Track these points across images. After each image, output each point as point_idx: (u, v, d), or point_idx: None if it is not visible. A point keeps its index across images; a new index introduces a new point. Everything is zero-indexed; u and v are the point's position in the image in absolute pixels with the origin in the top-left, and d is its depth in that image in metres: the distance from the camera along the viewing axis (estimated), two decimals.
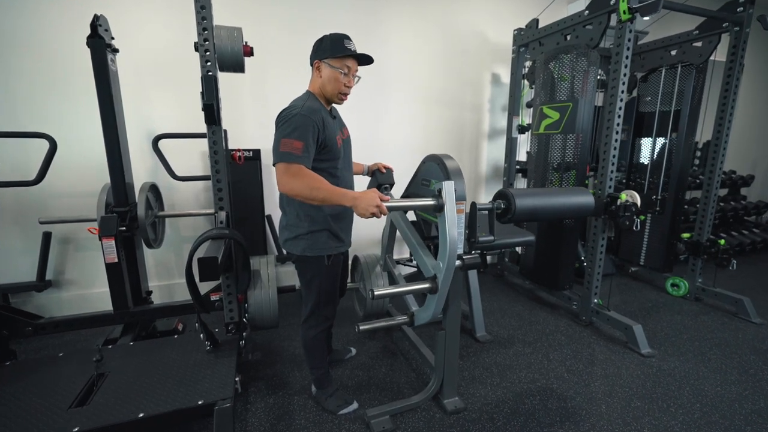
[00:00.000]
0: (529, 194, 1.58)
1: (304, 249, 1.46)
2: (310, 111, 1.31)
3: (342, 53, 1.35)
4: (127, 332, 2.07)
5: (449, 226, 1.31)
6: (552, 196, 1.64)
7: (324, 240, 1.46)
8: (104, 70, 1.86)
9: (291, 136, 1.25)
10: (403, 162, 3.25)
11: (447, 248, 1.32)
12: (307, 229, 1.44)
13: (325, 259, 1.48)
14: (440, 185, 1.34)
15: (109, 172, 1.97)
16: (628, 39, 2.09)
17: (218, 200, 1.87)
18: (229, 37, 1.71)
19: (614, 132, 2.20)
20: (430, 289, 1.44)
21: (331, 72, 1.37)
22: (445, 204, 1.30)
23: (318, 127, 1.32)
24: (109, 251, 1.87)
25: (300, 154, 1.25)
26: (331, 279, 1.53)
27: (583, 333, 2.35)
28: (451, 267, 1.37)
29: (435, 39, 3.15)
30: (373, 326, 1.68)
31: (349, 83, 1.42)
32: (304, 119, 1.28)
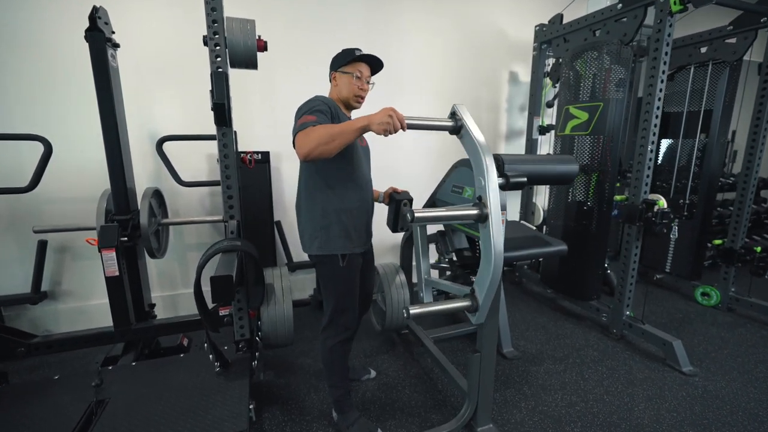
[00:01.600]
0: (517, 161, 1.46)
1: (318, 247, 1.42)
2: (326, 99, 1.37)
3: (351, 57, 1.43)
4: (129, 350, 1.92)
5: (495, 238, 1.15)
6: (539, 162, 1.60)
7: (336, 236, 1.41)
8: (104, 66, 1.71)
9: (307, 113, 1.27)
10: (417, 164, 3.12)
11: (492, 262, 1.16)
12: (319, 223, 1.41)
13: (339, 259, 1.42)
14: (483, 194, 1.18)
15: (110, 177, 1.82)
16: (668, 34, 1.95)
17: (228, 208, 1.71)
18: (242, 30, 1.56)
19: (651, 133, 2.06)
20: (469, 307, 1.29)
21: (345, 78, 1.45)
22: (490, 213, 1.15)
23: (333, 112, 1.34)
24: (109, 264, 1.71)
25: (314, 120, 1.23)
26: (347, 282, 1.46)
27: (616, 348, 2.21)
28: (496, 281, 1.21)
29: (450, 35, 3.00)
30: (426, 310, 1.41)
31: (362, 86, 1.47)
32: (320, 102, 1.33)
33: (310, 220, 1.43)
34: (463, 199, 1.50)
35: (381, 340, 2.29)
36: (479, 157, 1.16)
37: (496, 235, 1.16)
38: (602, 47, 2.28)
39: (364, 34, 2.73)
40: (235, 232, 1.70)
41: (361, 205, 1.47)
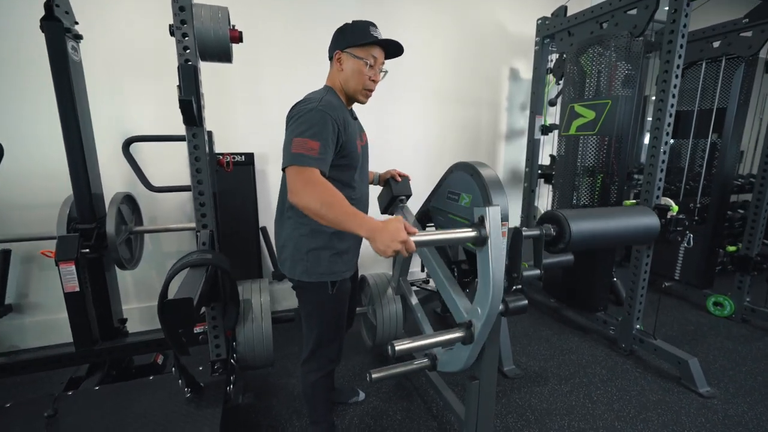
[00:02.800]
0: (584, 216, 1.27)
1: (302, 273, 1.20)
2: (329, 106, 1.08)
3: (367, 40, 1.14)
4: (95, 372, 1.75)
5: (494, 264, 1.01)
6: (611, 218, 1.33)
7: (326, 262, 1.20)
8: (63, 60, 1.55)
9: (305, 134, 1.02)
10: (416, 165, 2.94)
11: (490, 292, 1.02)
12: (306, 246, 1.19)
13: (328, 287, 1.21)
14: (483, 212, 1.03)
15: (72, 182, 1.66)
16: (684, 24, 1.79)
17: (201, 216, 1.55)
18: (212, 19, 1.39)
19: (663, 133, 1.90)
20: (464, 338, 1.14)
21: (355, 63, 1.16)
22: (490, 236, 1.00)
23: (338, 126, 1.10)
24: (68, 278, 1.55)
25: (316, 156, 1.01)
26: (336, 312, 1.27)
27: (625, 365, 2.04)
28: (493, 314, 1.07)
29: (448, 31, 2.84)
30: (388, 373, 1.35)
31: (375, 77, 1.21)
32: (321, 115, 1.05)
33: (294, 239, 1.21)
34: (459, 207, 1.34)
35: (372, 356, 2.13)
36: (488, 278, 1.03)
37: (496, 260, 1.01)
38: (610, 41, 2.12)
39: None
40: (207, 242, 1.53)
41: None
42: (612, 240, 1.36)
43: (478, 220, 1.04)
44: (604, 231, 1.28)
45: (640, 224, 1.36)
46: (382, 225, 0.92)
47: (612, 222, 1.31)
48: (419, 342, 1.08)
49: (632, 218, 1.37)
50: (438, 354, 1.39)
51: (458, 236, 1.04)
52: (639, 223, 1.36)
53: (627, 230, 1.33)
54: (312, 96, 1.14)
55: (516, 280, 1.23)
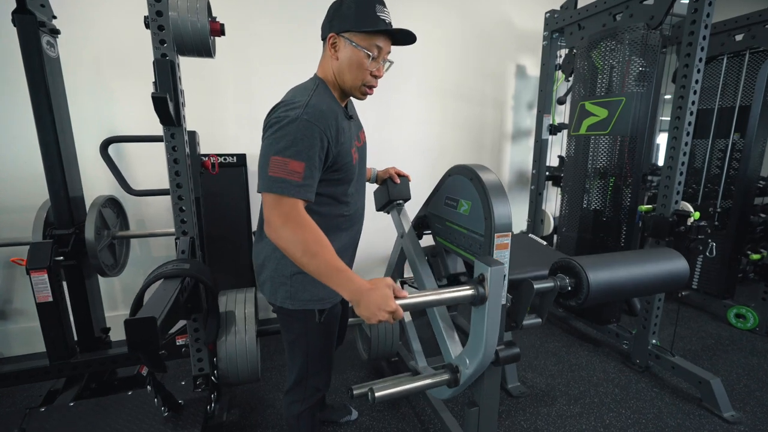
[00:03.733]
0: (603, 264, 1.12)
1: (285, 299, 1.02)
2: (316, 114, 0.87)
3: (373, 27, 0.90)
4: (72, 385, 1.66)
5: (489, 325, 0.94)
6: (633, 264, 1.18)
7: (313, 287, 1.01)
8: (36, 56, 1.46)
9: (286, 152, 0.83)
10: (415, 165, 2.81)
11: (481, 351, 0.97)
12: (288, 268, 1.00)
13: (315, 315, 1.04)
14: (484, 270, 0.94)
15: (48, 185, 1.57)
16: (707, 14, 1.63)
17: (180, 222, 1.45)
18: (190, 10, 1.28)
19: (684, 133, 1.75)
20: (448, 382, 1.04)
21: (354, 53, 0.92)
22: (488, 297, 0.92)
23: (329, 139, 0.89)
24: (40, 288, 1.46)
25: (299, 182, 0.84)
26: (323, 340, 1.10)
27: (640, 383, 1.89)
28: (482, 368, 1.00)
29: (452, 25, 2.71)
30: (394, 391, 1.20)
31: (378, 71, 0.98)
32: (307, 128, 0.84)
33: (275, 259, 1.02)
34: (458, 215, 1.21)
35: (367, 369, 2.01)
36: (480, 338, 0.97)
37: (491, 324, 0.94)
38: (624, 34, 1.97)
39: None
40: (187, 251, 1.43)
41: (351, 241, 1.13)
42: (635, 291, 1.21)
43: (478, 277, 0.95)
44: (626, 281, 1.13)
45: (666, 270, 1.19)
46: (369, 287, 0.81)
47: (635, 269, 1.15)
48: (401, 387, 1.02)
49: (657, 263, 1.20)
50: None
51: (453, 296, 0.95)
52: (665, 269, 1.19)
53: (652, 278, 1.17)
54: (296, 97, 0.91)
55: (515, 328, 1.12)
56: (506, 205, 1.07)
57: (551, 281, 1.09)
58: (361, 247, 1.24)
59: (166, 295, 1.12)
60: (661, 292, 1.75)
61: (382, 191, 1.54)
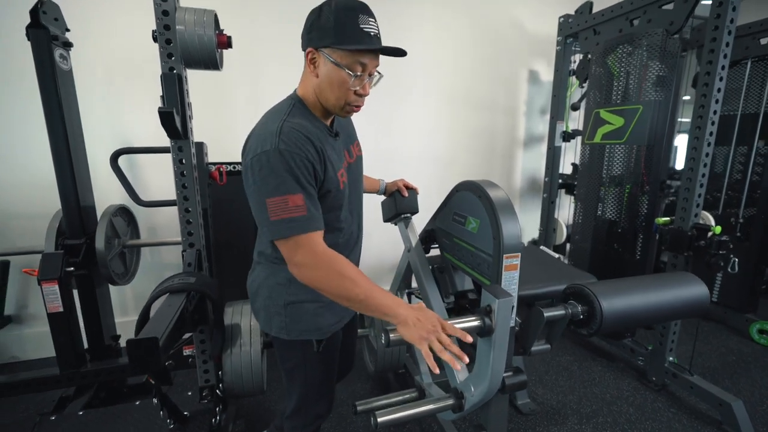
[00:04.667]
0: (617, 292, 1.07)
1: (280, 330, 0.97)
2: (291, 140, 0.79)
3: (355, 44, 0.81)
4: (84, 392, 1.69)
5: (496, 357, 0.92)
6: (648, 291, 1.12)
7: (310, 317, 0.96)
8: (49, 69, 1.48)
9: (279, 190, 0.78)
10: (424, 173, 2.79)
11: (486, 382, 0.95)
12: (283, 297, 0.95)
13: (313, 345, 0.98)
14: (491, 302, 0.91)
15: (60, 196, 1.59)
16: (731, 20, 1.56)
17: (187, 234, 1.45)
18: (197, 23, 1.28)
19: (705, 143, 1.67)
20: (453, 407, 1.02)
21: (335, 71, 0.83)
22: (495, 329, 0.90)
23: (312, 162, 0.82)
24: (51, 298, 1.48)
25: (306, 215, 0.80)
26: (322, 369, 1.04)
27: (656, 402, 1.82)
28: (486, 399, 0.97)
29: (462, 30, 2.67)
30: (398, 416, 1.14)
31: (363, 90, 0.88)
32: (287, 158, 0.78)
33: (269, 287, 0.97)
34: (466, 232, 1.18)
35: (374, 381, 1.99)
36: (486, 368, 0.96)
37: (498, 355, 0.92)
38: (642, 39, 1.90)
39: None
40: (193, 263, 1.43)
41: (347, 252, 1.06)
42: (651, 320, 1.16)
43: (486, 308, 0.93)
44: (641, 309, 1.07)
45: (684, 297, 1.12)
46: (417, 312, 0.80)
47: (651, 296, 1.10)
48: (405, 413, 1.00)
49: (674, 289, 1.14)
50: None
51: (464, 326, 0.91)
52: (683, 296, 1.13)
53: (669, 305, 1.11)
54: (267, 125, 0.84)
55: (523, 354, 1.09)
56: (515, 224, 1.04)
57: (562, 309, 1.05)
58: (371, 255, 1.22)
59: (170, 312, 1.12)
60: (678, 319, 1.69)
61: (389, 203, 1.51)
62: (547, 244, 2.75)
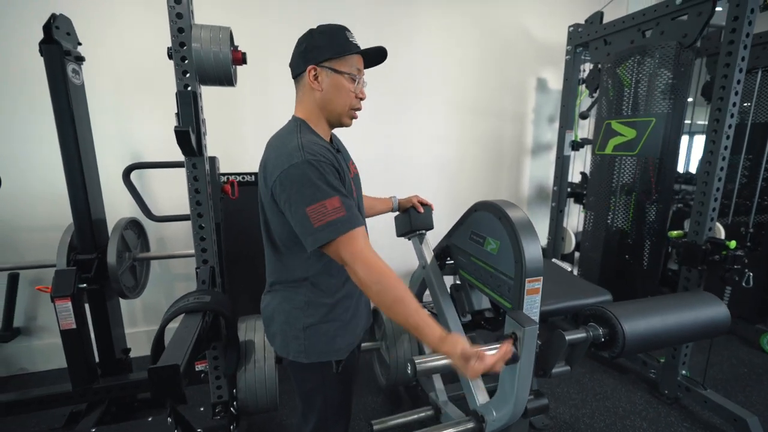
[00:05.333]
0: (638, 314, 1.06)
1: (299, 353, 0.96)
2: (314, 150, 0.84)
3: (348, 51, 0.91)
4: (94, 409, 1.68)
5: (520, 384, 0.93)
6: (670, 312, 1.12)
7: (328, 339, 0.96)
8: (61, 84, 1.47)
9: (316, 198, 0.80)
10: (431, 182, 2.78)
11: (510, 409, 0.96)
12: (301, 321, 0.95)
13: (332, 366, 0.98)
14: (518, 330, 0.92)
15: (72, 211, 1.58)
16: (747, 34, 1.55)
17: (201, 251, 1.44)
18: (213, 40, 1.28)
19: (720, 157, 1.67)
20: (473, 430, 1.01)
21: (338, 79, 0.91)
22: (521, 357, 0.91)
23: (336, 167, 0.88)
24: (64, 315, 1.47)
25: (346, 215, 0.81)
26: (341, 390, 1.03)
27: (669, 416, 1.81)
28: (508, 425, 0.97)
29: (470, 37, 2.66)
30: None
31: (362, 93, 0.97)
32: (316, 166, 0.81)
33: (285, 312, 0.97)
34: (485, 252, 1.17)
35: (385, 395, 1.98)
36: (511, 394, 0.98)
37: (522, 382, 0.93)
38: (654, 51, 1.90)
39: (371, 35, 2.42)
40: (207, 280, 1.43)
41: (356, 287, 1.05)
42: (673, 341, 1.15)
43: (511, 336, 0.93)
44: (663, 331, 1.07)
45: (705, 318, 1.12)
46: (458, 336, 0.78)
47: (672, 318, 1.09)
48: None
49: (695, 310, 1.13)
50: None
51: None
52: (704, 317, 1.12)
53: (690, 327, 1.11)
54: (285, 145, 0.86)
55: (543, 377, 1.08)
56: (537, 247, 1.03)
57: (583, 332, 1.04)
58: None
59: (188, 335, 1.11)
60: (699, 340, 1.69)
61: (404, 219, 1.50)
62: (556, 253, 2.74)
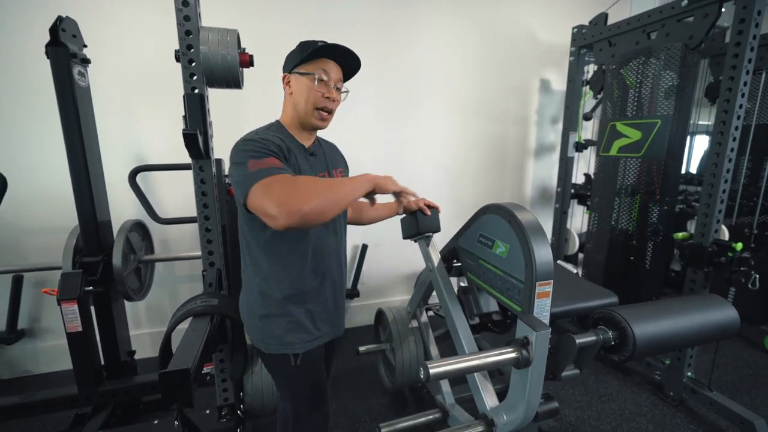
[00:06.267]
0: (647, 317, 1.06)
1: (259, 341, 1.03)
2: (268, 138, 0.93)
3: (311, 50, 0.97)
4: (101, 410, 1.67)
5: (532, 389, 0.92)
6: (679, 315, 1.11)
7: (282, 331, 1.00)
8: (68, 86, 1.47)
9: (258, 155, 0.86)
10: (435, 184, 2.78)
11: (522, 413, 0.95)
12: (257, 311, 1.02)
13: (290, 359, 1.01)
14: (530, 334, 0.91)
15: (77, 213, 1.58)
16: (754, 36, 1.55)
17: (208, 254, 1.44)
18: (221, 43, 1.27)
19: (726, 158, 1.66)
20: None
21: (302, 81, 1.00)
22: (533, 362, 0.90)
23: (282, 148, 0.94)
24: (70, 318, 1.46)
25: (280, 166, 0.86)
26: (308, 385, 1.07)
27: (675, 418, 1.81)
28: (519, 428, 0.97)
29: (473, 39, 2.66)
30: None
31: (329, 93, 1.01)
32: (264, 143, 0.90)
33: (249, 301, 1.05)
34: (493, 255, 1.17)
35: (390, 396, 1.97)
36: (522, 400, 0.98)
37: (534, 386, 0.92)
38: (660, 53, 1.90)
39: (373, 38, 2.43)
40: (214, 283, 1.42)
41: (323, 282, 1.06)
42: (683, 344, 1.15)
43: (522, 340, 0.92)
44: (673, 334, 1.06)
45: (714, 321, 1.11)
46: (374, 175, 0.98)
47: (681, 320, 1.08)
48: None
49: (705, 313, 1.12)
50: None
51: (495, 360, 0.91)
52: (713, 320, 1.11)
53: (700, 329, 1.10)
54: (247, 135, 0.97)
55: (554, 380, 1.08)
56: (548, 250, 1.03)
57: (593, 335, 1.04)
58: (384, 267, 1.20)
59: (197, 338, 1.10)
60: (707, 342, 1.69)
61: (410, 221, 1.49)
62: (559, 254, 2.74)
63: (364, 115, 2.49)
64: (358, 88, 1.31)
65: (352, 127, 2.45)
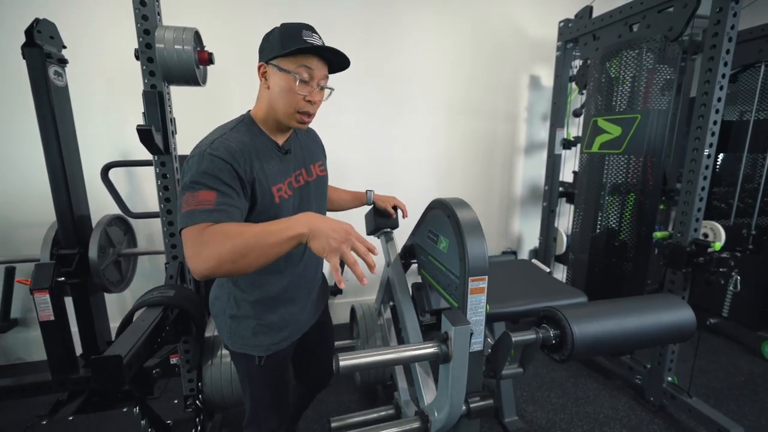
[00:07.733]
0: (591, 316, 1.02)
1: (227, 338, 1.04)
2: (222, 149, 0.81)
3: (296, 46, 0.84)
4: (76, 397, 1.74)
5: (453, 383, 0.91)
6: (628, 315, 1.06)
7: (249, 333, 0.99)
8: (43, 86, 1.54)
9: (195, 187, 0.77)
10: (422, 183, 2.77)
11: (447, 408, 0.93)
12: (228, 311, 1.01)
13: (255, 359, 1.00)
14: (449, 329, 0.90)
15: (54, 207, 1.65)
16: (732, 26, 1.48)
17: (170, 247, 1.48)
18: (176, 41, 1.31)
19: (704, 155, 1.59)
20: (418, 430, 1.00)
21: (283, 78, 0.87)
22: (452, 357, 0.89)
23: (239, 173, 0.82)
24: (42, 307, 1.53)
25: (211, 208, 0.76)
26: (269, 386, 1.07)
27: (652, 425, 1.75)
28: (450, 425, 0.97)
29: (462, 35, 2.63)
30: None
31: (312, 96, 0.90)
32: (211, 161, 0.79)
33: (221, 300, 1.03)
34: (438, 251, 1.16)
35: (360, 392, 1.98)
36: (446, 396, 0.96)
37: (456, 382, 0.91)
38: (641, 45, 1.83)
39: (359, 35, 2.44)
40: (175, 275, 1.46)
41: (297, 286, 1.04)
42: (631, 346, 1.10)
43: (443, 335, 0.92)
44: (619, 335, 1.02)
45: (667, 322, 1.05)
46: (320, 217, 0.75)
47: (630, 321, 1.04)
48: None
49: (657, 314, 1.07)
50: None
51: (414, 354, 0.92)
52: (666, 321, 1.05)
53: (650, 331, 1.05)
54: (209, 137, 0.87)
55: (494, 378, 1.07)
56: (482, 246, 1.01)
57: (533, 333, 1.02)
58: None
59: (141, 327, 1.14)
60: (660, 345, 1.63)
61: (370, 216, 1.51)
62: (548, 254, 2.68)
63: (354, 112, 2.50)
64: (346, 86, 1.31)
65: (341, 126, 2.47)
